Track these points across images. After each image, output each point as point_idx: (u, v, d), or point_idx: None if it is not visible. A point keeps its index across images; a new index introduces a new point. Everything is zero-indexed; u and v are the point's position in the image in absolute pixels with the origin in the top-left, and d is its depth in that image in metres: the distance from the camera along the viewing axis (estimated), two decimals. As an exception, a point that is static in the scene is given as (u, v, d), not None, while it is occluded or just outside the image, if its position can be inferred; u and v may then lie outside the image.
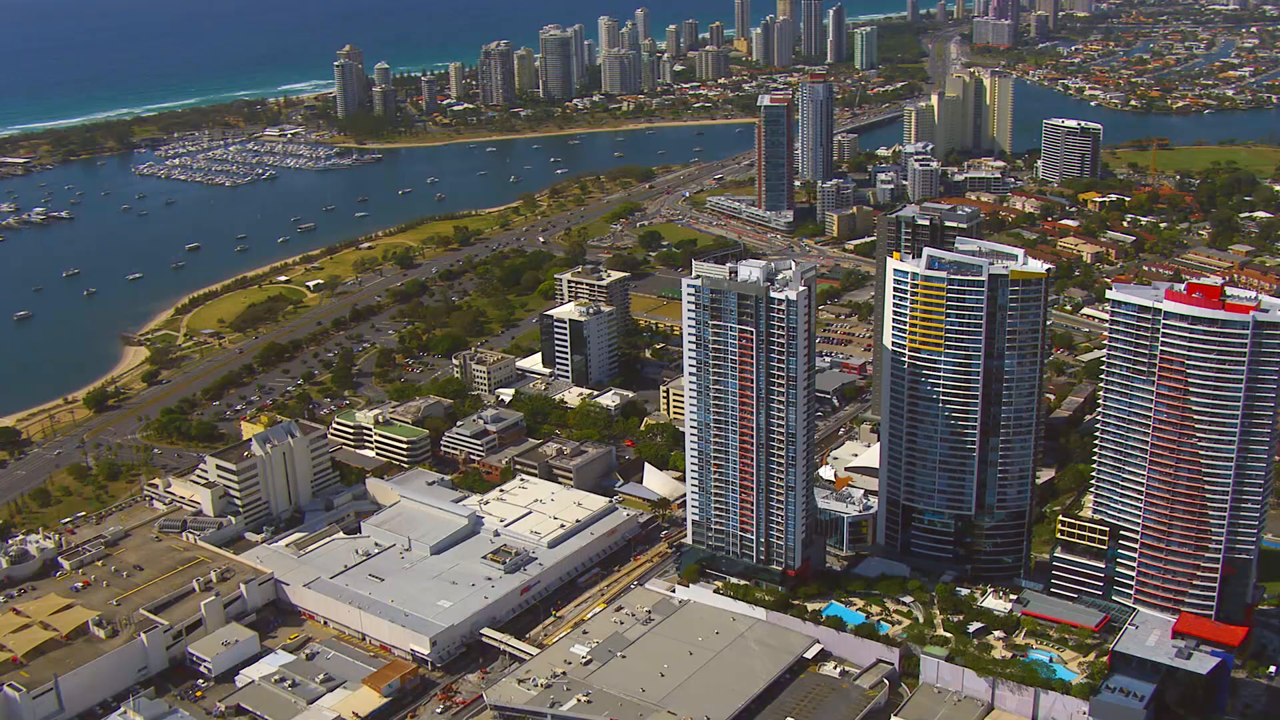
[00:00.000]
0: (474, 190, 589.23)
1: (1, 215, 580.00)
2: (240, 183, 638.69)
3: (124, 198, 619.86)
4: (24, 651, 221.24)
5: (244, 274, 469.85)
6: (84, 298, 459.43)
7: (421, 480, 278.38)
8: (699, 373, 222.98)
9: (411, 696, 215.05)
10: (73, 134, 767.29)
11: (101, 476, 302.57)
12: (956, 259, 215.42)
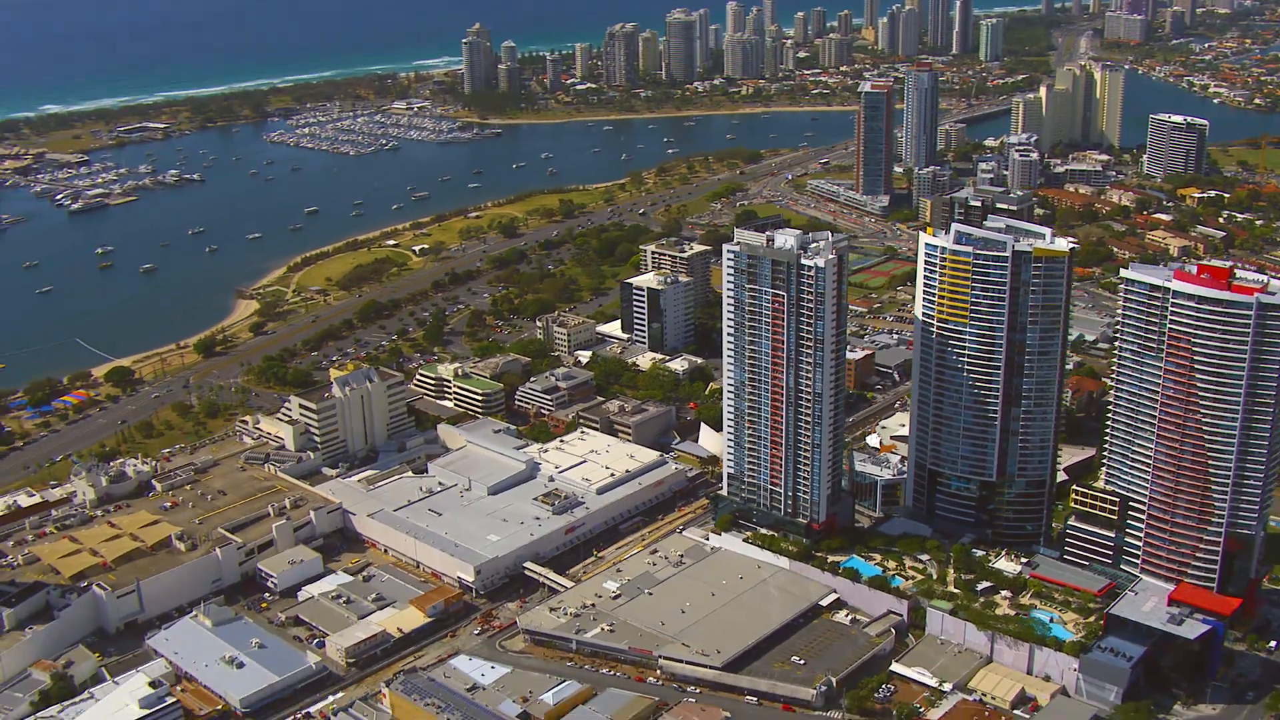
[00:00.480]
0: (586, 166, 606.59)
1: (138, 176, 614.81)
2: (364, 152, 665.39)
3: (253, 163, 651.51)
4: (113, 558, 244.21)
5: (356, 237, 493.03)
6: (206, 254, 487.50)
7: (488, 428, 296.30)
8: (736, 334, 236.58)
9: (453, 619, 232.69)
10: (212, 102, 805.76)
11: (202, 414, 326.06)
12: (983, 235, 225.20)
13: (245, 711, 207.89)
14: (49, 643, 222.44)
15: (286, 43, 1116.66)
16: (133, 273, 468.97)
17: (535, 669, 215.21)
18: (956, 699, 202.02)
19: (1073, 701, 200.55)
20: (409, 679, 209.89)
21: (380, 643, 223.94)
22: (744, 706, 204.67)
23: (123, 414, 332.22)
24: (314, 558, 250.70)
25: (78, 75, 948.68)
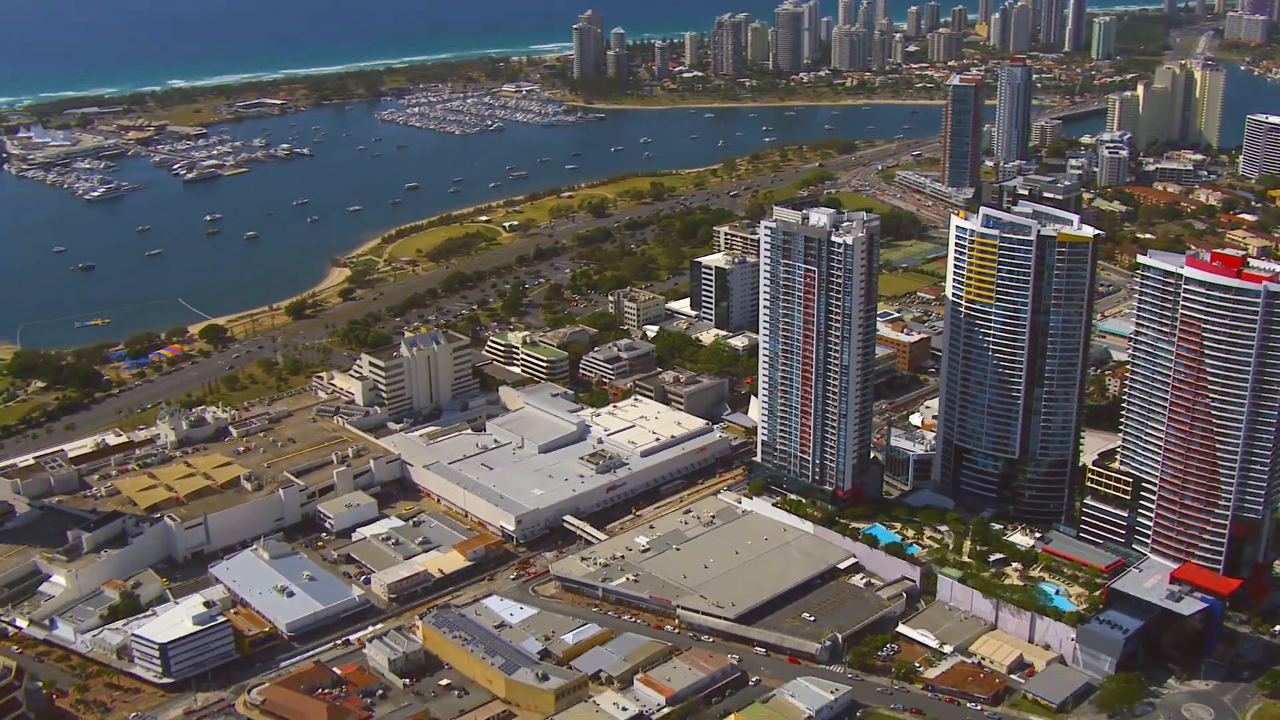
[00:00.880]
0: (682, 152, 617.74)
1: (251, 149, 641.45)
2: (469, 132, 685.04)
3: (362, 140, 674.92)
4: (185, 494, 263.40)
5: (450, 212, 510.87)
6: (307, 224, 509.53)
7: (547, 392, 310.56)
8: (771, 307, 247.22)
9: (492, 564, 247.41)
10: (328, 80, 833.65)
11: (285, 370, 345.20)
12: (1010, 219, 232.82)
13: (290, 635, 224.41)
14: (121, 565, 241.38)
15: (406, 25, 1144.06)
16: (237, 239, 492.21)
17: (561, 612, 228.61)
18: (955, 660, 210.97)
19: (1067, 669, 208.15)
20: (441, 613, 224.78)
21: (421, 581, 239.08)
22: (753, 656, 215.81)
23: (212, 368, 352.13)
24: (369, 503, 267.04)
25: (204, 53, 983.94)
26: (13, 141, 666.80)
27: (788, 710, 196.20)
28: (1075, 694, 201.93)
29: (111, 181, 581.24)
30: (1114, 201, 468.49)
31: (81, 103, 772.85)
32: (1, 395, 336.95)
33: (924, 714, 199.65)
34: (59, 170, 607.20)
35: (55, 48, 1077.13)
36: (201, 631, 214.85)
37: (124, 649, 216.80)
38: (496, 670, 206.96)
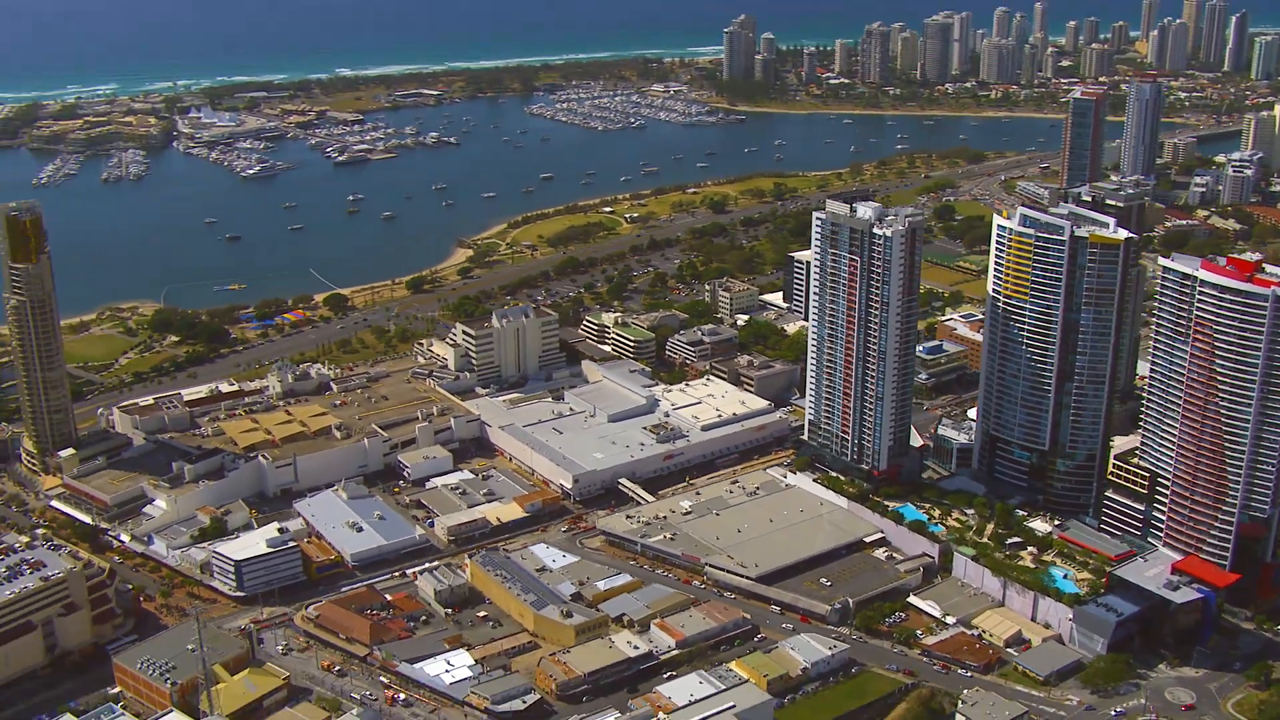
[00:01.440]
0: (814, 155, 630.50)
1: (402, 136, 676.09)
2: (612, 129, 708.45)
3: (508, 131, 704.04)
4: (281, 437, 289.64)
5: (577, 202, 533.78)
6: (442, 207, 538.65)
7: (625, 368, 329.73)
8: (820, 293, 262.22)
9: (547, 517, 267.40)
10: (485, 74, 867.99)
11: (395, 338, 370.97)
12: (1046, 219, 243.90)
13: (354, 565, 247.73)
14: (215, 495, 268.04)
15: (569, 24, 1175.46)
16: (374, 218, 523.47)
17: (601, 563, 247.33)
18: (955, 631, 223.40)
19: (1061, 647, 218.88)
20: (488, 554, 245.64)
21: (479, 527, 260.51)
22: (768, 614, 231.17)
23: (329, 333, 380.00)
24: (446, 456, 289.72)
25: (374, 45, 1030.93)
26: (184, 121, 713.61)
27: (786, 661, 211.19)
28: (1063, 670, 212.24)
29: (267, 161, 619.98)
30: (1230, 220, 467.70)
31: (251, 87, 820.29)
32: (139, 346, 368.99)
33: (915, 675, 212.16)
34: (221, 149, 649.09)
35: (236, 35, 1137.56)
36: (273, 553, 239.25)
37: (206, 565, 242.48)
38: (527, 606, 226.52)
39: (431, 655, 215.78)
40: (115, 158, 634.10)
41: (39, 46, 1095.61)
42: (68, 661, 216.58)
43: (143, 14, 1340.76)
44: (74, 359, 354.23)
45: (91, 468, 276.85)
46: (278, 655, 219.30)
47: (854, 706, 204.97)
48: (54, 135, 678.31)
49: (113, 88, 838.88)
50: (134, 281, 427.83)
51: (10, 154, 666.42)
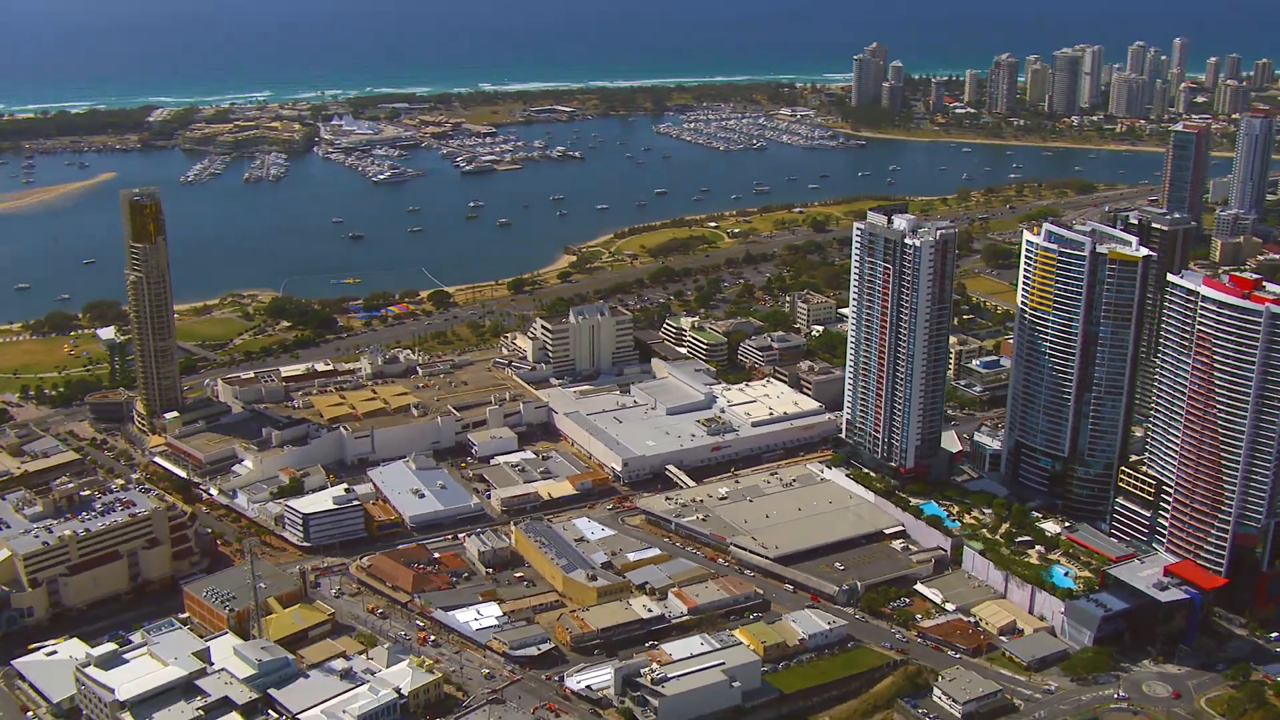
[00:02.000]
0: (926, 181, 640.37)
1: (530, 149, 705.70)
2: (734, 149, 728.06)
3: (633, 149, 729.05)
4: (363, 412, 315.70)
5: (684, 216, 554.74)
6: (556, 217, 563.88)
7: (691, 367, 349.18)
8: (858, 299, 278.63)
9: (595, 496, 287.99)
10: (619, 93, 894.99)
11: (488, 332, 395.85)
12: (1070, 236, 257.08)
13: (412, 526, 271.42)
14: (297, 459, 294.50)
15: (710, 46, 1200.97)
16: (490, 224, 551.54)
17: (636, 537, 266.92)
18: (953, 617, 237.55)
19: (1050, 638, 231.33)
20: (533, 523, 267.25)
21: (531, 500, 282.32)
22: (782, 592, 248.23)
23: (429, 325, 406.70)
24: (511, 437, 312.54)
25: (515, 62, 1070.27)
26: (326, 128, 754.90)
27: (786, 631, 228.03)
28: (1047, 658, 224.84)
29: (399, 168, 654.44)
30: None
31: (395, 99, 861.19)
32: (253, 329, 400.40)
33: (906, 654, 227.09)
34: (357, 155, 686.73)
35: (387, 50, 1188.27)
36: (337, 510, 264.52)
37: (279, 518, 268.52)
38: (558, 569, 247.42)
39: (464, 605, 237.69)
40: (258, 160, 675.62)
41: (207, 55, 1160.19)
42: (148, 589, 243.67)
43: (305, 27, 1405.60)
44: (194, 337, 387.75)
45: (191, 429, 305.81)
46: (330, 597, 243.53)
47: (842, 675, 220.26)
48: (205, 137, 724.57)
49: (266, 95, 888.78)
50: (258, 272, 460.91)
51: (165, 154, 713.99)
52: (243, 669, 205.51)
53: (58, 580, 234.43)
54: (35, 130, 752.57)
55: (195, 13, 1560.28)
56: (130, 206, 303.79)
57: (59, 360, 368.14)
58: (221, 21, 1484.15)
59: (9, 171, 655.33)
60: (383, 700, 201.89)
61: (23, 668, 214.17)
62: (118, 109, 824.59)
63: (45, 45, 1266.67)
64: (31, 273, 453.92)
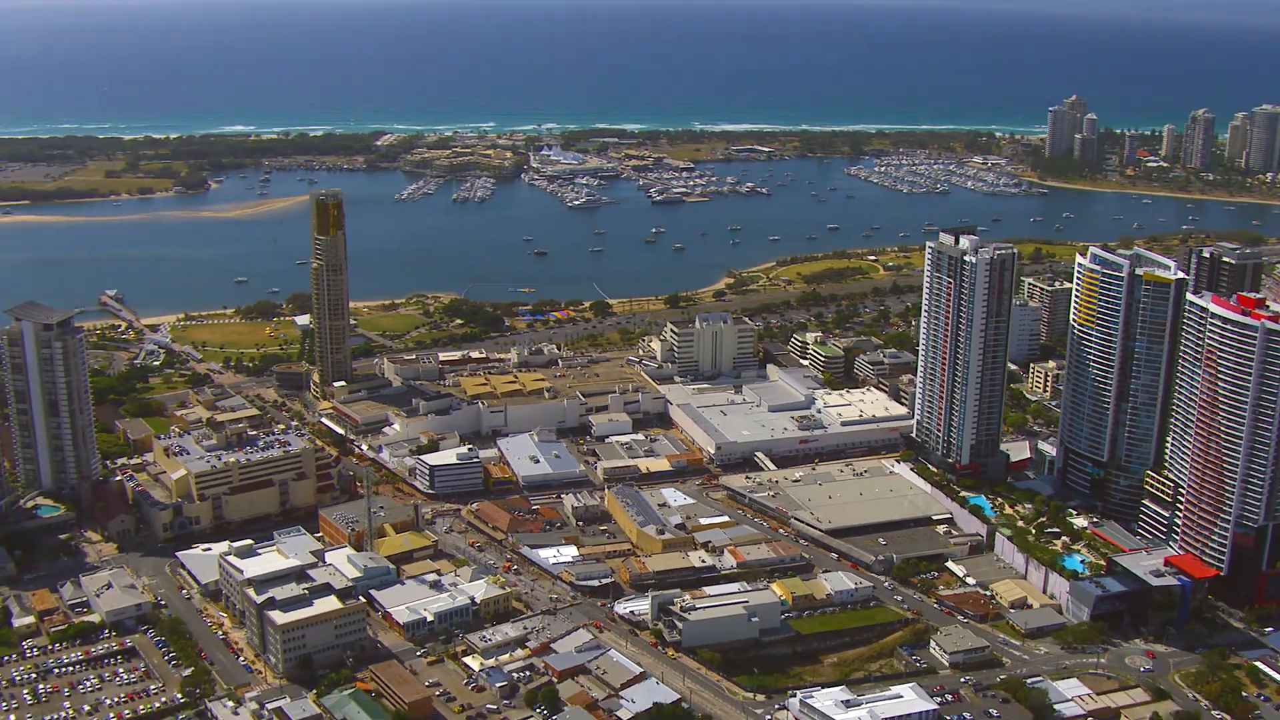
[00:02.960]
0: (1092, 228, 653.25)
1: (721, 184, 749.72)
2: (916, 192, 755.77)
3: (820, 188, 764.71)
4: (501, 391, 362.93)
5: (847, 250, 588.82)
6: (729, 245, 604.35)
7: (800, 373, 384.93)
8: (928, 311, 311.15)
9: (688, 473, 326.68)
10: (819, 136, 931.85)
11: (636, 338, 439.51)
12: (1109, 258, 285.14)
13: (524, 485, 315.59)
14: (438, 425, 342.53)
15: (911, 94, 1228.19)
16: (666, 248, 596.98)
17: (712, 507, 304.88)
18: (972, 589, 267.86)
19: (1050, 612, 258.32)
20: (624, 488, 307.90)
21: (630, 472, 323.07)
22: (827, 559, 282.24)
23: (584, 330, 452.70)
24: (626, 421, 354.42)
25: (725, 103, 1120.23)
26: (535, 157, 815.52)
27: (816, 587, 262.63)
28: (1045, 628, 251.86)
29: (594, 195, 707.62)
30: None
31: (606, 133, 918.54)
32: (429, 324, 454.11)
33: (919, 614, 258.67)
34: (560, 182, 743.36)
35: (611, 86, 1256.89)
36: (460, 464, 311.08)
37: (412, 469, 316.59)
38: (634, 524, 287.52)
39: (548, 545, 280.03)
40: (468, 182, 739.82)
41: (441, 88, 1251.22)
42: (293, 513, 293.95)
43: (531, 61, 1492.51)
44: (377, 328, 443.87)
45: (354, 397, 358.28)
46: (440, 533, 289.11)
47: (856, 626, 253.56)
48: (424, 161, 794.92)
49: (490, 125, 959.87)
50: (446, 277, 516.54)
51: (387, 174, 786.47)
52: (351, 570, 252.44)
53: (221, 498, 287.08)
54: (275, 149, 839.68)
55: (434, 52, 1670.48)
56: (316, 204, 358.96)
57: (260, 340, 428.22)
58: (451, 57, 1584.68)
59: (247, 184, 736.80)
60: (457, 604, 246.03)
61: (184, 559, 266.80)
62: (350, 133, 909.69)
63: (289, 74, 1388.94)
64: (251, 269, 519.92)
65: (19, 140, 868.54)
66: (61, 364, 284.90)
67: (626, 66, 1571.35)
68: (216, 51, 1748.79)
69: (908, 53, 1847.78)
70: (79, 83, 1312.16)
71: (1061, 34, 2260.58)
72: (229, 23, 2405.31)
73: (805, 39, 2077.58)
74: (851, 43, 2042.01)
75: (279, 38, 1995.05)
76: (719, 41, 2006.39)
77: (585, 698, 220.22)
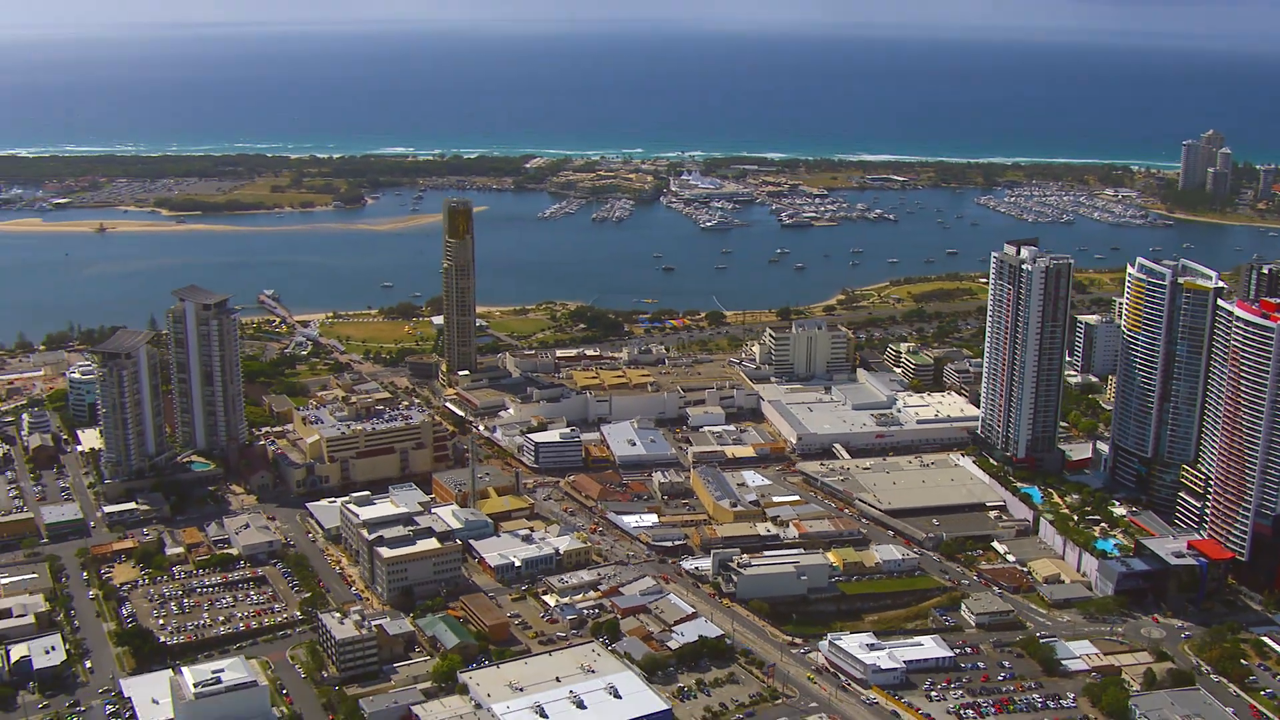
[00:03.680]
0: (1209, 259, 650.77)
1: (850, 210, 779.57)
2: (1041, 221, 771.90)
3: (947, 216, 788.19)
4: (609, 384, 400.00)
5: (961, 272, 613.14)
6: (849, 266, 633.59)
7: (886, 378, 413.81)
8: (991, 316, 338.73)
9: (771, 461, 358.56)
10: (955, 167, 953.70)
11: (743, 344, 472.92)
12: (1154, 267, 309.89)
13: (619, 464, 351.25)
14: (549, 411, 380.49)
15: (1055, 130, 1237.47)
16: (788, 268, 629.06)
17: (786, 488, 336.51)
18: (1011, 565, 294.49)
19: (1078, 586, 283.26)
20: (708, 468, 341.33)
21: (716, 456, 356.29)
22: (883, 535, 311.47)
23: (696, 336, 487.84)
24: (720, 414, 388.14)
25: (870, 134, 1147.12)
26: (675, 182, 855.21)
27: (867, 556, 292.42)
28: (1070, 600, 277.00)
29: (726, 217, 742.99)
30: None
31: (746, 161, 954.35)
32: (554, 327, 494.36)
33: (957, 584, 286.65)
34: (695, 205, 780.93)
35: (755, 114, 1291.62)
36: (562, 442, 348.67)
37: (521, 446, 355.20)
38: (712, 498, 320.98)
39: (632, 513, 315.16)
40: (609, 204, 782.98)
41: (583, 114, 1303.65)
42: (411, 478, 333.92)
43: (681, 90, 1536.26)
44: (507, 329, 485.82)
45: (476, 384, 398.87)
46: (539, 500, 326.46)
47: (898, 590, 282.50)
48: (568, 183, 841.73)
49: (639, 151, 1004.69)
50: (576, 288, 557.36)
51: (533, 195, 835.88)
52: (453, 522, 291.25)
53: (348, 461, 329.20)
54: (430, 170, 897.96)
55: (587, 82, 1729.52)
56: (448, 211, 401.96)
57: (398, 336, 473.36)
58: (604, 85, 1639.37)
59: (401, 201, 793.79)
60: (543, 553, 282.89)
61: (312, 509, 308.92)
62: (501, 156, 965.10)
63: (444, 101, 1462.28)
64: (397, 276, 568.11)
65: (195, 157, 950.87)
66: (217, 340, 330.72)
67: (773, 97, 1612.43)
68: (381, 79, 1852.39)
69: (1053, 89, 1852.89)
70: (251, 106, 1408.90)
71: (1207, 71, 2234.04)
72: (391, 52, 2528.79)
73: (953, 74, 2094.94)
74: (995, 79, 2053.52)
75: (439, 68, 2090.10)
76: (869, 76, 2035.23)
77: (642, 630, 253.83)
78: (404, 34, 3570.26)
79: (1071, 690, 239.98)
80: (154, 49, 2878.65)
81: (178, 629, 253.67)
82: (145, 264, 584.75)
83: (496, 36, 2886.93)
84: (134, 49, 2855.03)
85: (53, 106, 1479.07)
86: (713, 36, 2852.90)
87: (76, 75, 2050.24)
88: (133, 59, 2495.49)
